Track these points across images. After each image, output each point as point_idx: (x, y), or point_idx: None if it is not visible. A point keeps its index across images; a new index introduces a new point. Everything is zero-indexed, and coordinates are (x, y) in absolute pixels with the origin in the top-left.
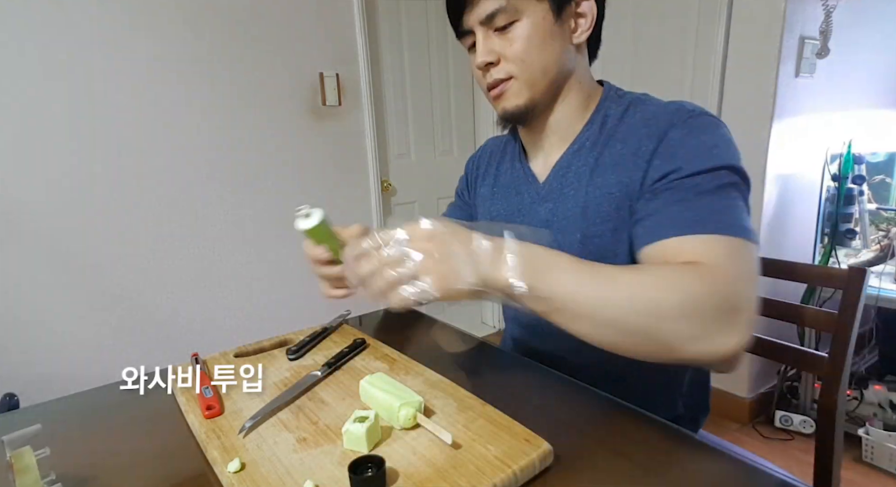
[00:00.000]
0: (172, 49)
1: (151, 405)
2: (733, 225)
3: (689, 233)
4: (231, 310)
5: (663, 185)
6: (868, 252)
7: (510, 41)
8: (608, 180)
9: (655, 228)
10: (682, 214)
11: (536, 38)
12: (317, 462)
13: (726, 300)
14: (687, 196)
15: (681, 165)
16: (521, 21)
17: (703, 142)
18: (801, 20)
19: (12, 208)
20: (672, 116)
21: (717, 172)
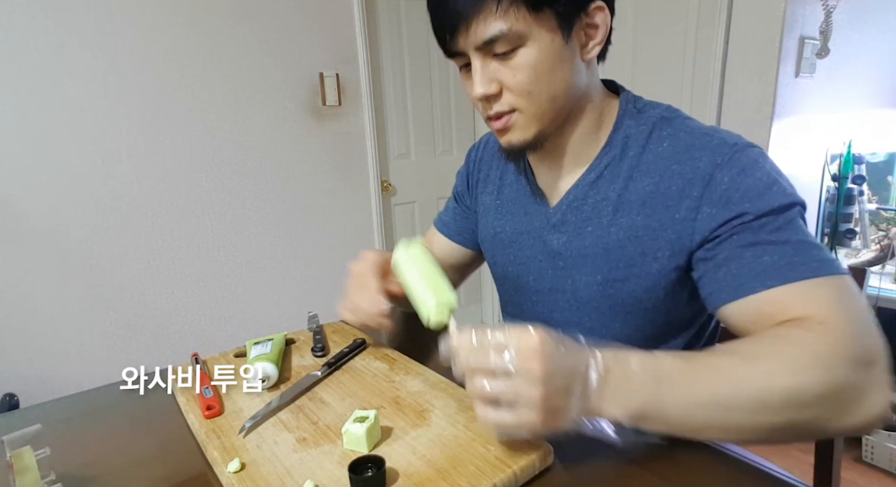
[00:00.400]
0: (172, 49)
1: (151, 405)
2: (824, 262)
3: (782, 282)
4: (231, 310)
5: (728, 230)
6: (868, 252)
7: (513, 70)
8: (634, 222)
9: (735, 280)
10: (764, 259)
11: (544, 66)
12: (317, 462)
13: (857, 359)
14: (763, 239)
15: (744, 210)
16: (525, 47)
17: (760, 180)
18: (801, 20)
19: (12, 208)
20: (713, 153)
21: (781, 212)
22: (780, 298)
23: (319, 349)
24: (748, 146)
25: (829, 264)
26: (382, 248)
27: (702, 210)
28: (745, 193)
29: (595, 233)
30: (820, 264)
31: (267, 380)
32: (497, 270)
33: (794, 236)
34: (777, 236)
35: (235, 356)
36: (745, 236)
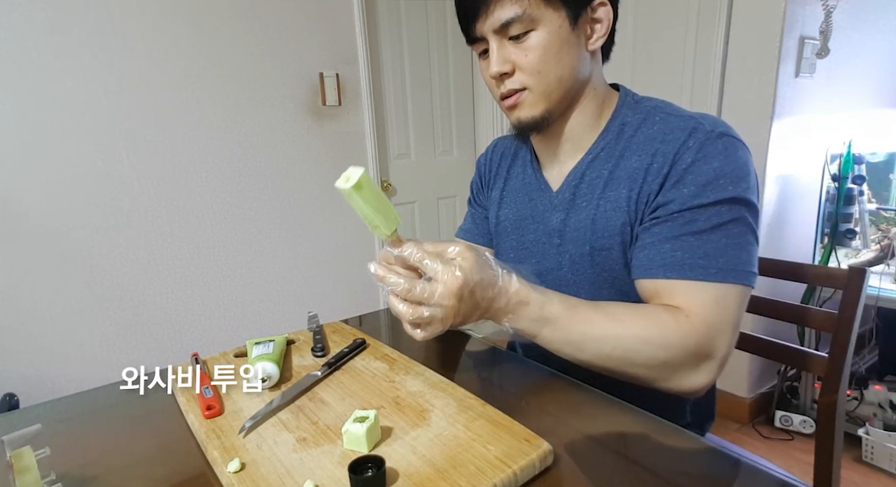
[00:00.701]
0: (172, 49)
1: (151, 405)
2: (724, 269)
3: (679, 276)
4: (231, 310)
5: (660, 215)
6: (868, 252)
7: (525, 51)
8: (620, 194)
9: (647, 264)
10: (674, 254)
11: (553, 48)
12: (317, 462)
13: (697, 352)
14: (686, 231)
15: (683, 196)
16: (536, 30)
17: (713, 169)
18: (801, 20)
19: (12, 208)
20: (688, 135)
21: (718, 206)
22: (672, 288)
23: (319, 349)
24: (724, 135)
25: (730, 272)
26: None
27: (664, 186)
28: (696, 177)
29: (587, 207)
30: (718, 271)
31: (268, 380)
32: (500, 258)
33: (713, 240)
34: (698, 237)
35: (235, 356)
36: (672, 227)
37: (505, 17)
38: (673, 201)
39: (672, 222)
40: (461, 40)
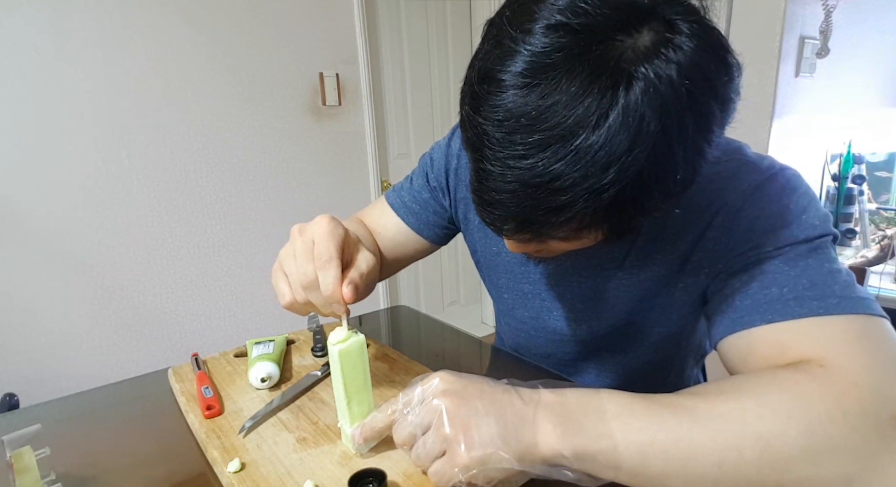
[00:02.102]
0: (172, 49)
1: (151, 405)
2: (846, 299)
3: (784, 317)
4: (231, 310)
5: (741, 260)
6: (868, 252)
7: (560, 245)
8: (657, 257)
9: (735, 312)
10: (771, 290)
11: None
12: (317, 462)
13: (873, 415)
14: (775, 269)
15: (763, 240)
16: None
17: (787, 208)
18: (801, 20)
19: (12, 208)
20: (741, 180)
21: (808, 243)
22: (780, 335)
23: (319, 349)
24: (781, 170)
25: (851, 301)
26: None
27: (721, 241)
28: (768, 221)
29: (619, 274)
30: (839, 301)
31: (268, 380)
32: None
33: (815, 266)
34: (793, 266)
35: (235, 356)
36: (758, 267)
37: (556, 235)
38: (750, 250)
39: (755, 264)
40: (461, 40)
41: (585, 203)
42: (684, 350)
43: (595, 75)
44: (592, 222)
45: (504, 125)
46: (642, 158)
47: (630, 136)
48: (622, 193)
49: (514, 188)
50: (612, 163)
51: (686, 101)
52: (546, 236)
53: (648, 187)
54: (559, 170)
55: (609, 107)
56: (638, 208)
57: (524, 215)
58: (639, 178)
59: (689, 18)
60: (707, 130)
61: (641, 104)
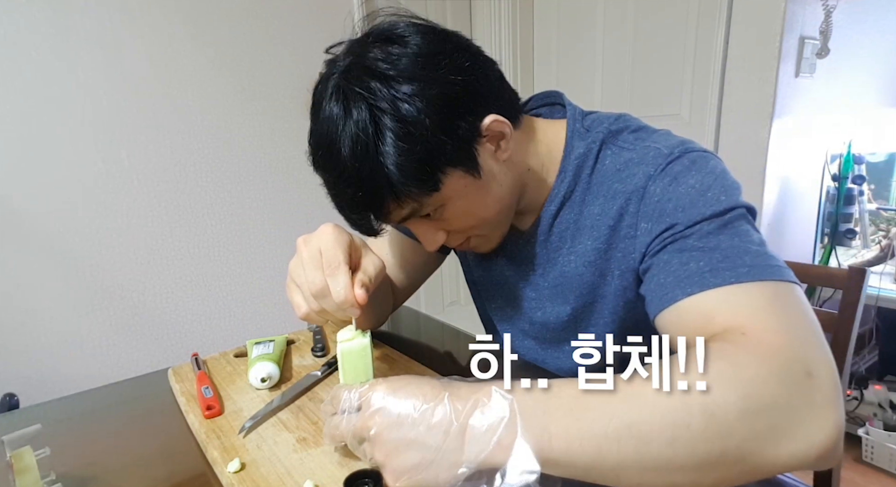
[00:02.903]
0: (172, 49)
1: (151, 405)
2: (756, 267)
3: (702, 288)
4: (231, 310)
5: (660, 243)
6: (868, 252)
7: (449, 220)
8: (586, 247)
9: (662, 289)
10: (689, 266)
11: (475, 203)
12: (317, 462)
13: (791, 373)
14: (691, 246)
15: (676, 220)
16: (446, 204)
17: (692, 187)
18: (801, 20)
19: (12, 208)
20: (648, 165)
21: (716, 217)
22: (701, 306)
23: (319, 349)
24: (686, 152)
25: (762, 269)
26: None
27: (639, 226)
28: (678, 202)
29: (562, 263)
30: (750, 269)
31: (268, 380)
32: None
33: (727, 241)
34: (706, 243)
35: (235, 356)
36: (675, 246)
37: (404, 214)
38: (665, 230)
39: (672, 245)
40: None
41: (372, 184)
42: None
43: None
44: (399, 193)
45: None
46: (391, 142)
47: (357, 131)
48: (394, 168)
49: (338, 190)
50: (355, 149)
51: (399, 95)
52: (393, 215)
53: (415, 154)
54: (345, 167)
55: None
56: (421, 170)
57: (353, 206)
58: (399, 152)
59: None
60: (442, 81)
61: (344, 106)
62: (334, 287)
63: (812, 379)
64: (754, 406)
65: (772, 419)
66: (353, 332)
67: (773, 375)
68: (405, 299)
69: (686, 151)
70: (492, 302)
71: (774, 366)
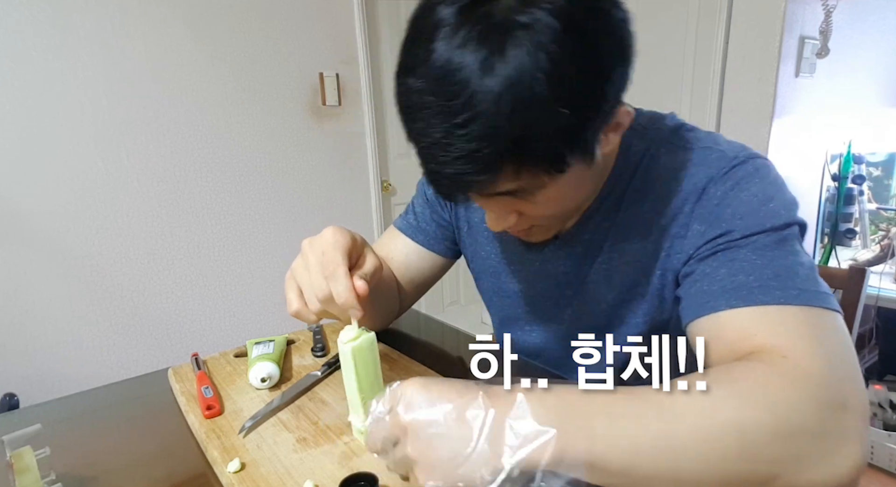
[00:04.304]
0: (172, 49)
1: (151, 405)
2: (806, 291)
3: (748, 304)
4: (231, 310)
5: (711, 248)
6: (868, 252)
7: (534, 205)
8: (633, 246)
9: (703, 297)
10: (738, 278)
11: (568, 195)
12: (317, 462)
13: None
14: (743, 257)
15: (732, 227)
16: (547, 188)
17: (755, 196)
18: (801, 20)
19: (12, 208)
20: (710, 167)
21: (774, 232)
22: (744, 322)
23: (319, 349)
24: (750, 158)
25: (812, 294)
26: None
27: (692, 227)
28: (737, 209)
29: (600, 259)
30: (800, 292)
31: (268, 380)
32: (483, 294)
33: (781, 258)
34: (760, 256)
35: (235, 356)
36: (727, 254)
37: (497, 191)
38: (720, 236)
39: (722, 252)
40: None
41: (493, 143)
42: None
43: (480, 29)
44: (524, 164)
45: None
46: (534, 92)
47: (516, 76)
48: (536, 130)
49: (442, 150)
50: (500, 104)
51: (568, 38)
52: (493, 189)
53: (564, 121)
54: (469, 116)
55: (494, 55)
56: (563, 142)
57: (459, 170)
58: (537, 111)
59: None
60: (600, 62)
61: (522, 49)
62: (335, 289)
63: (847, 412)
64: (787, 430)
65: (803, 444)
66: (356, 331)
67: (810, 402)
68: (411, 304)
69: (750, 156)
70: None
71: (811, 393)
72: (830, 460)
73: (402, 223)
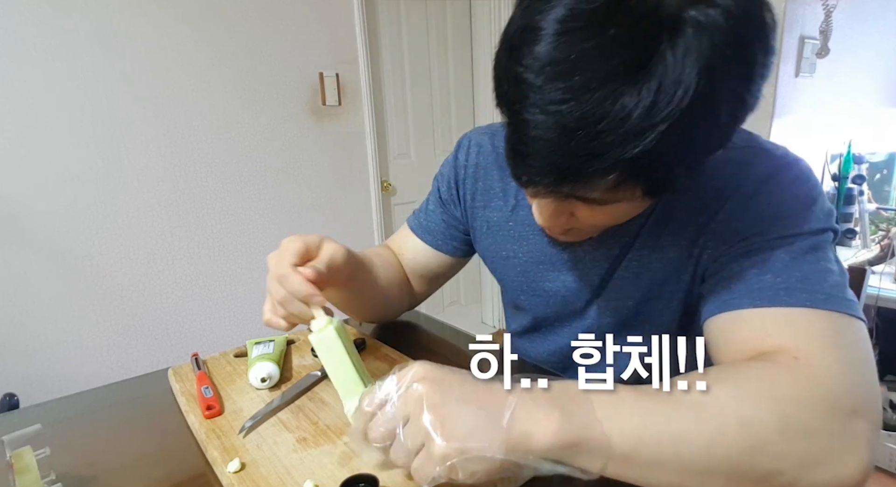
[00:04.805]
0: (172, 48)
1: (151, 405)
2: (833, 297)
3: (772, 304)
4: (231, 310)
5: (744, 246)
6: (868, 252)
7: (594, 214)
8: (663, 242)
9: (727, 293)
10: (765, 277)
11: (629, 213)
12: (317, 462)
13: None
14: (775, 257)
15: (769, 227)
16: (619, 203)
17: (797, 197)
18: (801, 20)
19: (12, 208)
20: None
21: (810, 236)
22: (765, 321)
23: None
24: (796, 161)
25: (838, 300)
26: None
27: (730, 225)
28: (777, 209)
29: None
30: (827, 297)
31: (268, 380)
32: (508, 292)
33: (812, 263)
34: (793, 258)
35: (235, 356)
36: (760, 254)
37: (579, 194)
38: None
39: (756, 251)
40: (461, 40)
41: (624, 148)
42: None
43: (637, 19)
44: (631, 173)
45: (544, 71)
46: (685, 103)
47: (673, 79)
48: (663, 138)
49: (552, 135)
50: (654, 107)
51: (732, 45)
52: (583, 192)
53: (690, 135)
54: (600, 112)
55: (653, 50)
56: (677, 159)
57: (563, 163)
58: (680, 123)
59: None
60: (749, 78)
61: (684, 49)
62: (288, 287)
63: (857, 418)
64: (791, 428)
65: (807, 444)
66: (324, 320)
67: (816, 403)
68: (424, 297)
69: (796, 159)
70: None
71: (819, 395)
72: (835, 462)
73: (413, 221)
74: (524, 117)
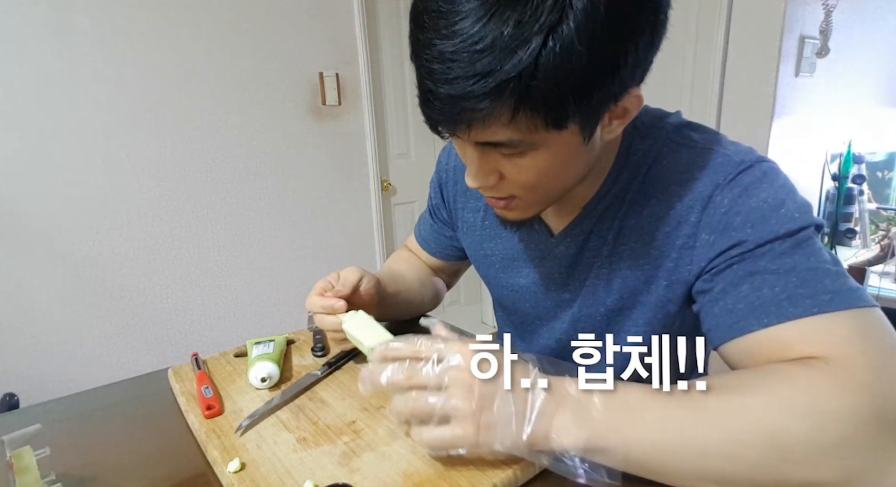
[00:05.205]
0: (172, 49)
1: (151, 405)
2: (838, 293)
3: (780, 319)
4: (231, 310)
5: (725, 260)
6: (868, 252)
7: (518, 167)
8: (633, 250)
9: (731, 317)
10: (763, 292)
11: (555, 167)
12: (317, 462)
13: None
14: (763, 268)
15: (745, 237)
16: (536, 150)
17: (764, 201)
18: (801, 20)
19: (12, 208)
20: (716, 172)
21: (790, 237)
22: (779, 336)
23: (319, 348)
24: (757, 162)
25: (845, 295)
26: (382, 248)
27: (700, 237)
28: (747, 216)
29: (599, 264)
30: (833, 296)
31: (268, 380)
32: (492, 290)
33: (802, 262)
34: (780, 264)
35: (235, 356)
36: (744, 266)
37: (491, 139)
38: (732, 247)
39: (738, 264)
40: None
41: (503, 63)
42: None
43: None
44: (520, 98)
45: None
46: (553, 18)
47: (558, 6)
48: (540, 54)
49: (441, 67)
50: (522, 22)
51: None
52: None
53: (568, 55)
54: (477, 35)
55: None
56: (563, 84)
57: (456, 90)
58: (554, 40)
59: None
60: (636, 9)
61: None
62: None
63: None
64: (825, 443)
65: (843, 460)
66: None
67: (857, 415)
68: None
69: (758, 160)
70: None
71: (860, 405)
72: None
73: (419, 237)
74: (422, 61)
